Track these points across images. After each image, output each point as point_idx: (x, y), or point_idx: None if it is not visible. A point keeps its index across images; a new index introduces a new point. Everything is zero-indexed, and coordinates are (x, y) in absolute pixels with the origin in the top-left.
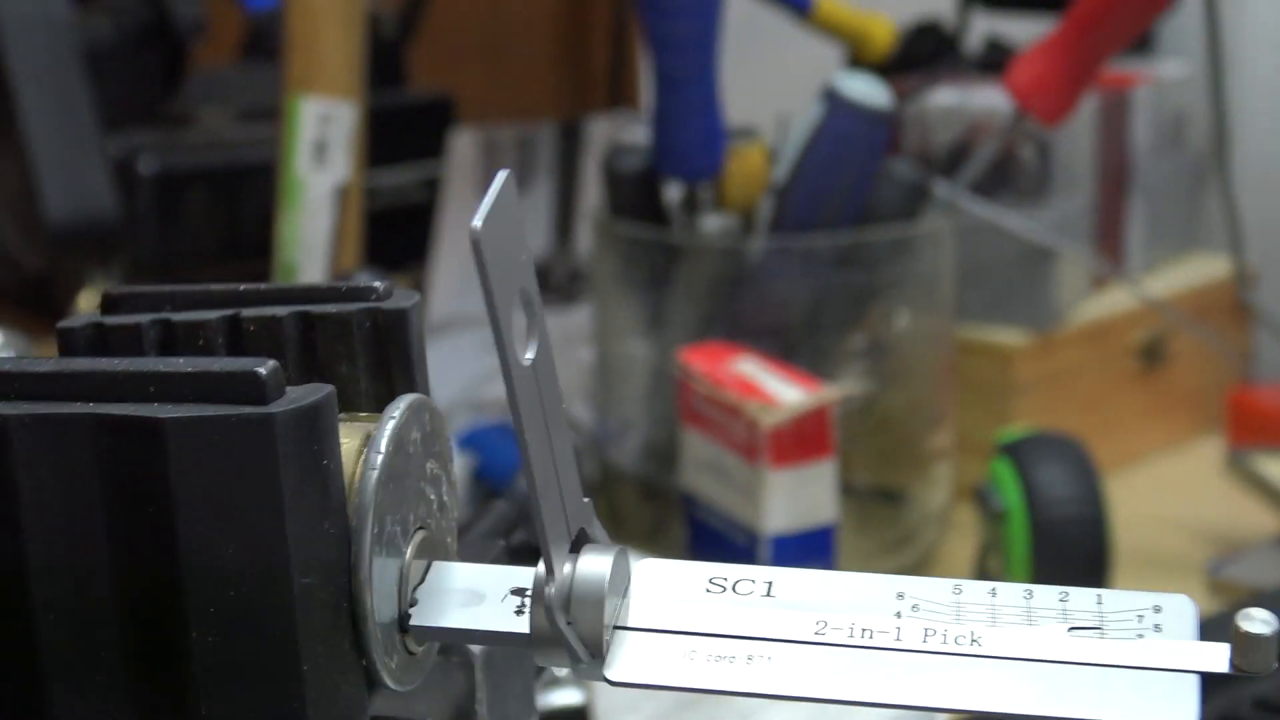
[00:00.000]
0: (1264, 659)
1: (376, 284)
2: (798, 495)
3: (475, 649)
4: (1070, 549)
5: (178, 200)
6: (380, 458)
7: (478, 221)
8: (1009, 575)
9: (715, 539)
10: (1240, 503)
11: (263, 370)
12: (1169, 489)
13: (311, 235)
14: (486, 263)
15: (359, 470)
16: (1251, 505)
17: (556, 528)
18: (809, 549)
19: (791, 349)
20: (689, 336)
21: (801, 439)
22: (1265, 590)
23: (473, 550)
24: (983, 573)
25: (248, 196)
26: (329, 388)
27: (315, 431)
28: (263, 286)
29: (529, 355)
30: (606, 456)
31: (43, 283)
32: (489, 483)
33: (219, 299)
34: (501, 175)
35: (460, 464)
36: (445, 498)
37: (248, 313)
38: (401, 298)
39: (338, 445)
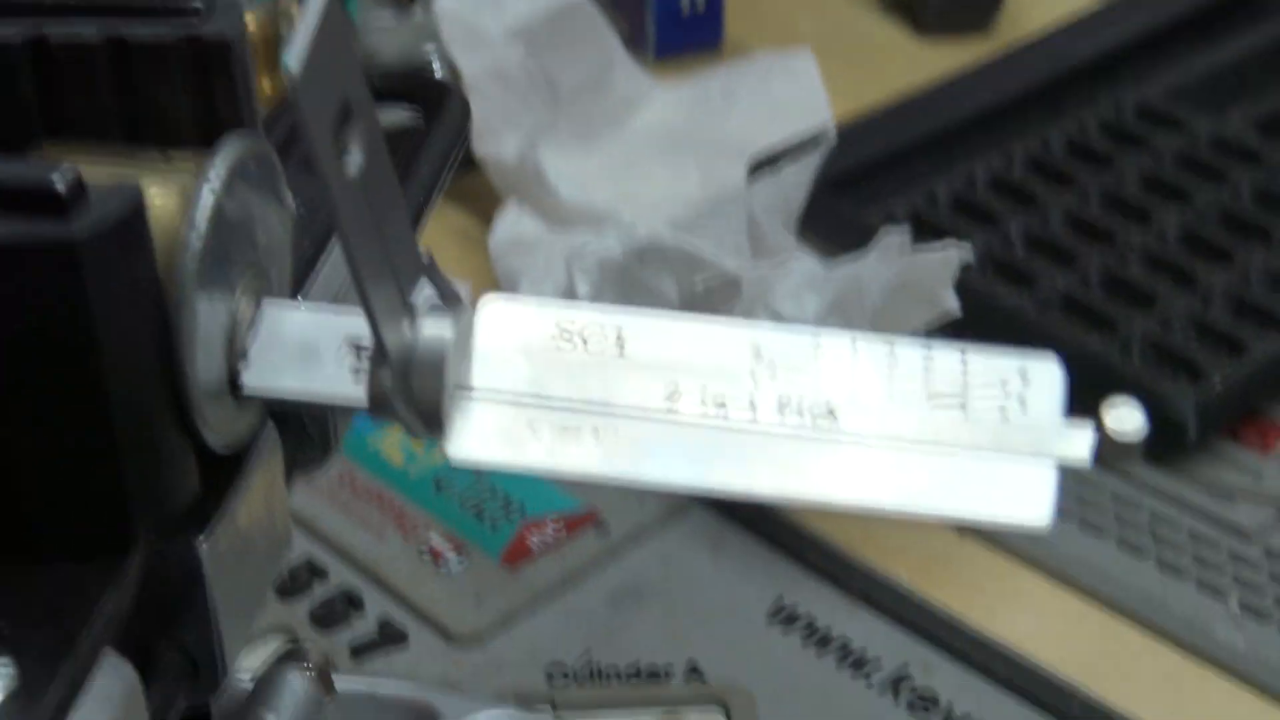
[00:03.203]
0: (1129, 459)
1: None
2: None
3: None
4: None
5: None
6: (200, 242)
7: (293, 62)
8: None
9: None
10: None
11: (58, 182)
12: None
13: None
14: (303, 104)
15: (178, 247)
16: None
17: (390, 309)
18: None
19: None
20: None
21: None
22: None
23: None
24: None
25: None
26: (135, 191)
27: (126, 248)
28: None
29: (356, 165)
30: None
31: None
32: None
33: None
34: None
35: None
36: (279, 228)
37: (54, 33)
38: (225, 17)
39: (150, 252)
